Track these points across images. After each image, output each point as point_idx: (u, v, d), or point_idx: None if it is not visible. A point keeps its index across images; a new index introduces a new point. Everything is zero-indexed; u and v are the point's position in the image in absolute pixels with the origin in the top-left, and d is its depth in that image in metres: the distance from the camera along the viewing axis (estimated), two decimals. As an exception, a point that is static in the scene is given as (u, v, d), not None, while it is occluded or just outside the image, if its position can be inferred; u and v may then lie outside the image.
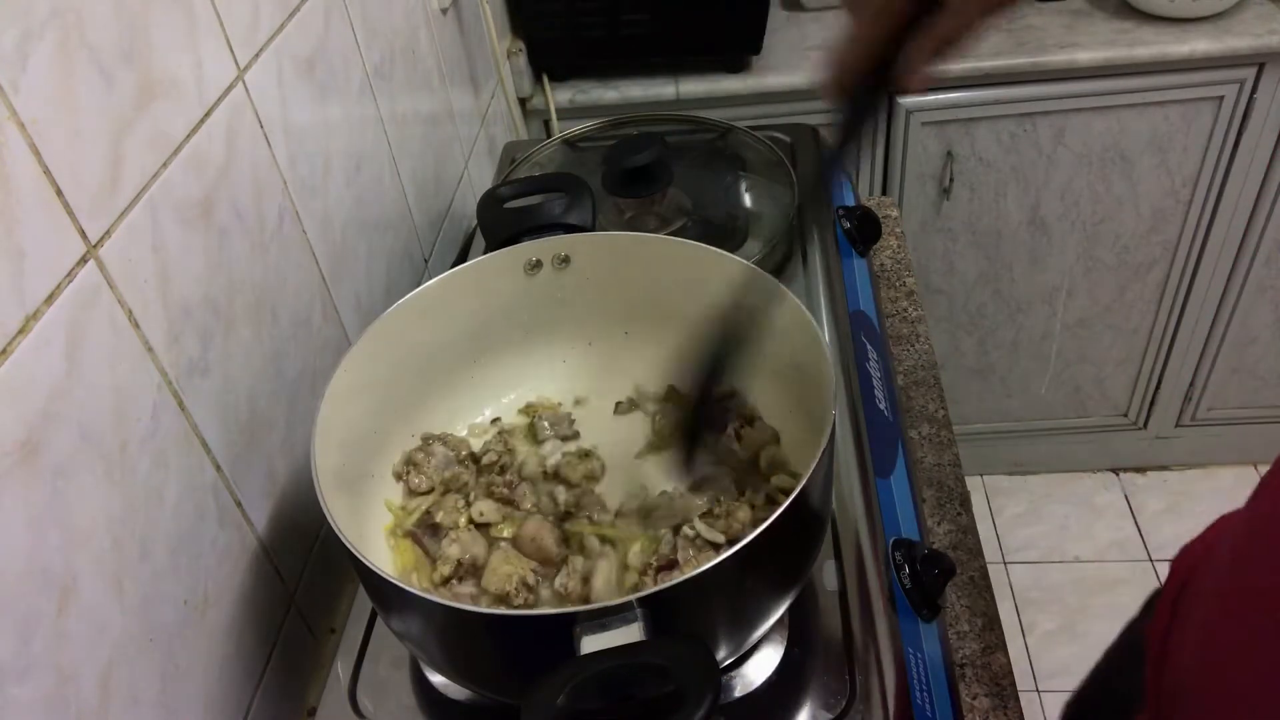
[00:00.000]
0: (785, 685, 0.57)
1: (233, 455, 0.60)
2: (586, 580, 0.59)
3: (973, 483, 1.94)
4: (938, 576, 0.64)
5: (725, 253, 0.65)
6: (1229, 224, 1.56)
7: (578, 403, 0.74)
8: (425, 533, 0.63)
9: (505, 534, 0.64)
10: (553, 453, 0.69)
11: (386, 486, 0.66)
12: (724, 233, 0.91)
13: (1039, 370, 1.81)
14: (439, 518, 0.64)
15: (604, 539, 0.62)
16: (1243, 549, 0.55)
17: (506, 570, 0.59)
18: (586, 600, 0.58)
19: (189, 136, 0.57)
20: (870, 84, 0.47)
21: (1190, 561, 0.65)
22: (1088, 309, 1.71)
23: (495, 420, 0.73)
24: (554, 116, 1.44)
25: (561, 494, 0.65)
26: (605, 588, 0.58)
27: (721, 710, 0.49)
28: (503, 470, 0.67)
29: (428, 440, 0.69)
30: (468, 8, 1.17)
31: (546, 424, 0.71)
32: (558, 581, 0.60)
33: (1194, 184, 1.53)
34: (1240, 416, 1.85)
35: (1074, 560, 1.87)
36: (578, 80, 1.46)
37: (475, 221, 0.99)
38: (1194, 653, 0.59)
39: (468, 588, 0.60)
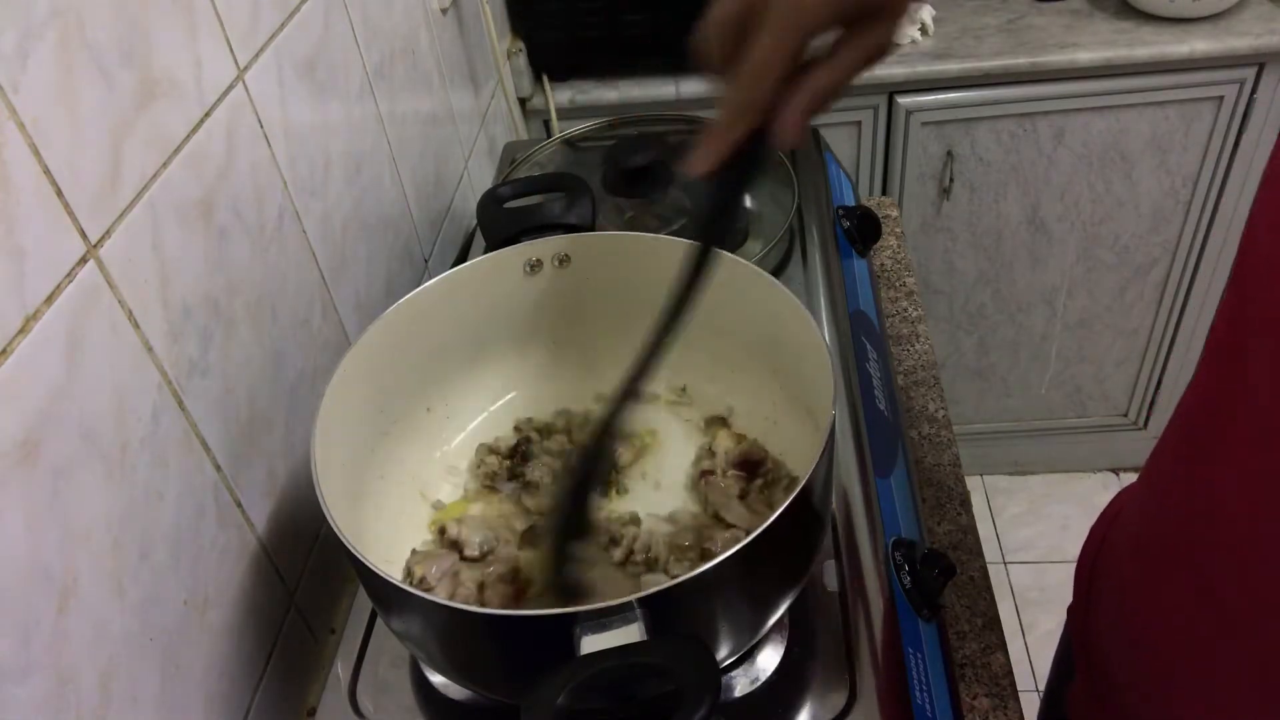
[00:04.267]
0: (785, 685, 0.57)
1: (233, 455, 0.60)
2: None
3: (973, 483, 1.94)
4: (938, 576, 0.64)
5: (726, 253, 0.65)
6: (1229, 224, 1.56)
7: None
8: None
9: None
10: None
11: (386, 486, 0.66)
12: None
13: (1039, 370, 1.81)
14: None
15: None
16: (1147, 509, 0.58)
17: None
18: None
19: (189, 136, 0.57)
20: (748, 150, 0.45)
21: (1099, 535, 0.67)
22: (1088, 309, 1.71)
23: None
24: (554, 116, 1.44)
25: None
26: None
27: (721, 710, 0.48)
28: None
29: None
30: (468, 8, 1.17)
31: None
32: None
33: (1194, 184, 1.53)
34: (1240, 416, 1.85)
35: (1074, 560, 1.87)
36: (578, 80, 1.46)
37: (475, 221, 0.99)
38: (1113, 613, 0.60)
39: None
